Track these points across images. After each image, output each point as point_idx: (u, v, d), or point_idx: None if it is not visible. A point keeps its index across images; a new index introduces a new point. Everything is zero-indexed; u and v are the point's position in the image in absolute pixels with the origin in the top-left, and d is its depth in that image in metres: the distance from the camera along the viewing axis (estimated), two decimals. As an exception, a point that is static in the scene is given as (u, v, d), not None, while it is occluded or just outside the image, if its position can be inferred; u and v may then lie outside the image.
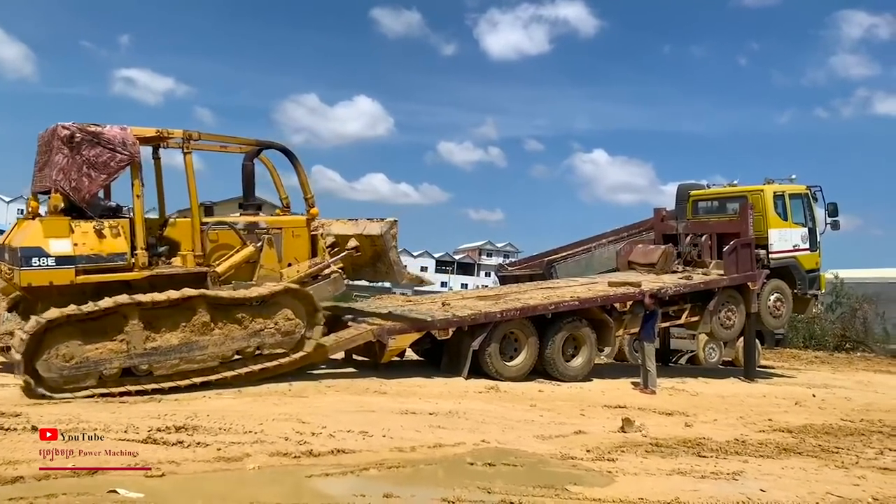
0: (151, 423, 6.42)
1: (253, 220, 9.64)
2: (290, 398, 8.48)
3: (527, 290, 13.75)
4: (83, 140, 8.16)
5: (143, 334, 7.93)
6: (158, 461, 5.26)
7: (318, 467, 5.59)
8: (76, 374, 7.61)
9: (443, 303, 12.58)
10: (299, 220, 10.12)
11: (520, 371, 11.40)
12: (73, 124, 8.19)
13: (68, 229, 7.97)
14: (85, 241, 8.02)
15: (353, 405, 8.32)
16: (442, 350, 11.66)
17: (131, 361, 7.93)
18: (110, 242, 8.16)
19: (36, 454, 5.16)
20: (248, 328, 8.67)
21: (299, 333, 9.06)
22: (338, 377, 10.45)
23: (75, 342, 7.63)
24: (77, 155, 8.12)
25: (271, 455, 5.77)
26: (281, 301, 8.94)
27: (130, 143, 8.43)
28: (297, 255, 9.85)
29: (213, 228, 9.17)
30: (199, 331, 8.29)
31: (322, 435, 6.56)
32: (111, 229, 8.20)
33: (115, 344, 7.83)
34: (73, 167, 8.10)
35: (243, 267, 9.21)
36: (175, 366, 8.15)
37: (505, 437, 7.22)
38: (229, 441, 6.03)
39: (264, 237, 9.43)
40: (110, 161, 8.29)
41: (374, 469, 5.69)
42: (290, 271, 9.64)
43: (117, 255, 8.17)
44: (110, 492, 4.50)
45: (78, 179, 8.12)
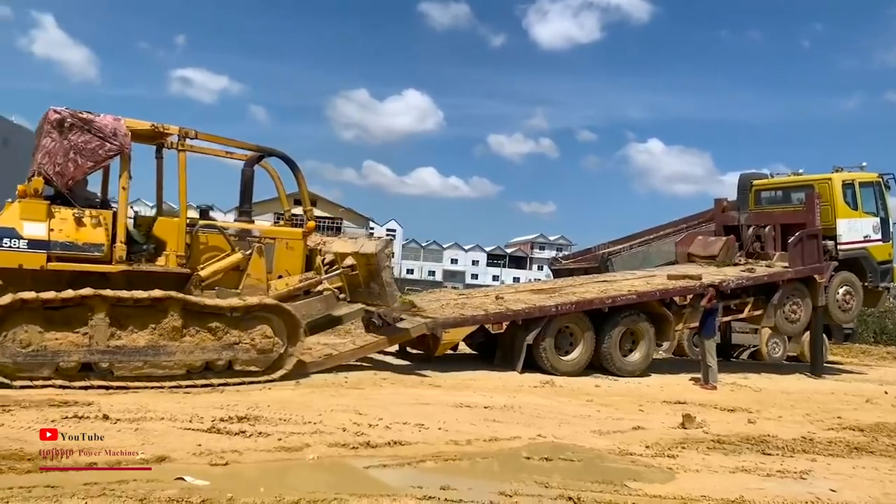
0: (215, 413, 6.60)
1: (245, 227, 9.23)
2: (346, 390, 8.60)
3: (582, 284, 13.59)
4: (73, 125, 7.96)
5: (108, 331, 7.60)
6: (222, 450, 5.39)
7: (375, 458, 5.65)
8: (31, 361, 7.32)
9: (496, 296, 12.55)
10: (295, 233, 9.67)
11: (575, 366, 11.28)
12: (65, 109, 8.01)
13: (46, 214, 7.67)
14: (62, 228, 7.72)
15: (409, 398, 8.38)
16: (495, 344, 11.65)
17: (92, 357, 7.58)
18: (88, 232, 7.84)
19: (109, 441, 5.37)
20: (222, 340, 8.17)
21: (276, 352, 8.52)
22: (393, 370, 10.55)
23: (35, 329, 7.34)
24: (65, 140, 7.91)
25: (330, 446, 5.86)
26: (260, 316, 8.47)
27: (122, 133, 8.17)
28: (290, 268, 9.32)
29: (202, 231, 8.77)
30: (168, 335, 7.86)
31: (379, 426, 6.62)
32: (91, 219, 7.88)
33: (76, 337, 7.50)
34: (60, 151, 7.89)
35: (230, 274, 8.76)
36: (138, 368, 7.75)
37: (561, 431, 7.15)
38: (289, 431, 6.14)
39: (255, 245, 8.94)
40: (99, 149, 8.07)
41: (430, 461, 5.70)
42: (280, 283, 9.14)
43: (93, 246, 7.83)
44: (177, 479, 4.64)
45: (63, 164, 7.89)
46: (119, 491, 4.25)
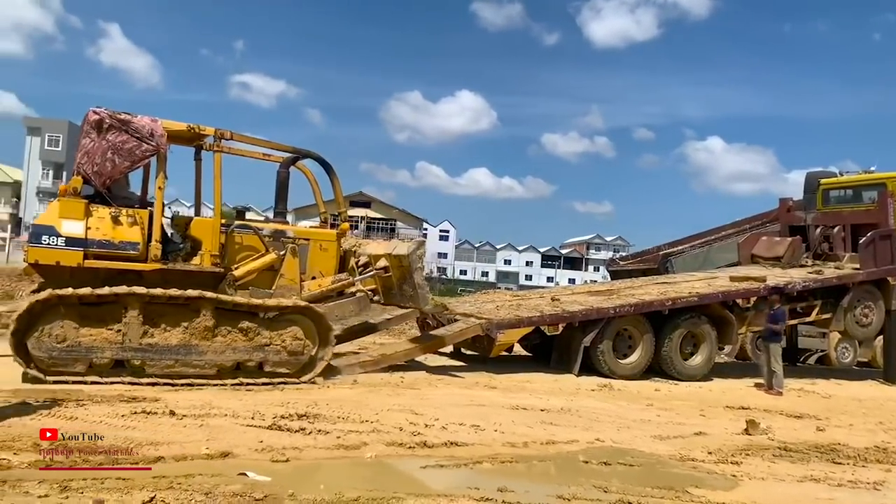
0: (275, 410, 6.74)
1: (280, 228, 9.29)
2: (402, 389, 8.66)
3: (641, 286, 13.36)
4: (111, 126, 8.06)
5: (140, 328, 7.69)
6: (283, 447, 5.51)
7: (432, 458, 5.67)
8: (66, 357, 7.44)
9: (552, 298, 12.44)
10: (329, 234, 9.65)
11: (634, 369, 11.09)
12: (104, 110, 8.11)
13: (84, 212, 7.82)
14: (99, 227, 7.85)
15: (464, 398, 8.38)
16: (551, 346, 11.55)
17: (125, 354, 7.66)
18: (125, 231, 7.95)
19: (175, 436, 5.56)
20: (253, 341, 8.17)
21: (307, 355, 8.46)
22: (448, 370, 10.57)
23: (71, 324, 7.48)
24: (103, 140, 8.04)
25: (387, 445, 5.91)
26: (291, 318, 8.45)
27: (159, 134, 8.25)
28: (323, 269, 9.33)
29: (237, 231, 8.85)
30: (200, 335, 7.90)
31: (435, 427, 6.65)
32: (128, 218, 7.98)
33: (110, 333, 7.61)
34: (98, 151, 8.02)
35: (264, 274, 8.83)
36: (169, 367, 7.80)
37: (620, 436, 7.03)
38: (348, 430, 6.23)
39: (288, 246, 9.02)
40: (135, 149, 8.15)
41: (487, 463, 5.68)
42: (313, 284, 9.16)
43: (129, 244, 7.92)
44: (240, 474, 4.76)
45: (101, 164, 8.03)
46: (185, 485, 4.38)
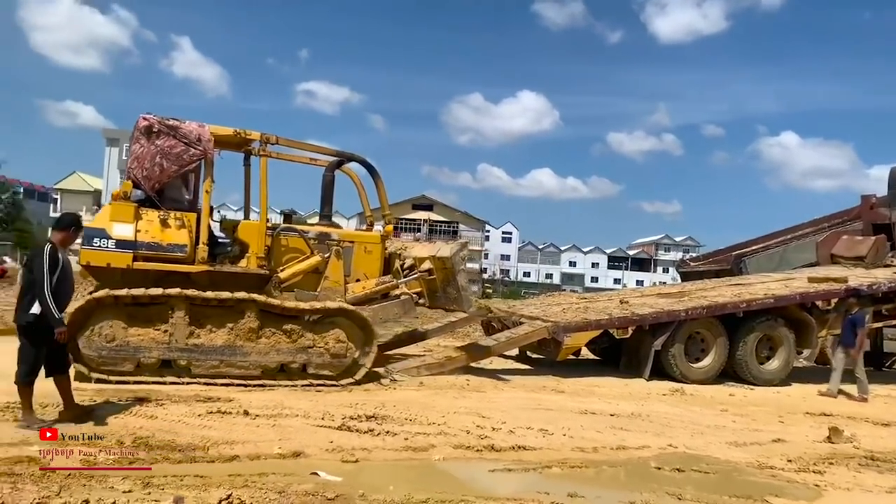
0: (344, 411, 6.84)
1: (325, 231, 9.28)
2: (468, 392, 8.65)
3: (713, 287, 12.96)
4: (160, 131, 8.19)
5: (187, 329, 7.82)
6: (352, 448, 5.59)
7: (500, 462, 5.64)
8: (115, 356, 7.60)
9: (620, 300, 12.20)
10: (373, 237, 9.61)
11: (707, 373, 10.75)
12: (153, 116, 8.28)
13: (134, 215, 7.98)
14: (148, 229, 7.98)
15: (531, 402, 8.31)
16: (620, 349, 11.32)
17: (171, 354, 7.80)
18: (173, 233, 8.06)
19: (249, 435, 5.71)
20: (297, 343, 8.21)
21: (350, 358, 8.43)
22: (513, 373, 10.51)
23: (120, 324, 7.64)
24: (152, 145, 8.16)
25: (455, 447, 5.91)
26: (334, 320, 8.44)
27: (206, 139, 8.36)
28: (368, 272, 9.31)
29: (283, 234, 8.93)
30: (244, 336, 7.99)
31: (502, 430, 6.61)
32: (176, 221, 8.10)
33: (158, 334, 7.76)
34: (147, 156, 8.15)
35: (309, 277, 8.86)
36: (215, 367, 7.91)
37: (693, 442, 6.83)
38: (415, 431, 6.27)
39: (333, 248, 9.04)
40: (183, 154, 8.26)
41: (556, 468, 5.62)
42: (357, 287, 9.14)
43: (177, 247, 8.04)
44: (312, 474, 4.85)
45: (150, 168, 8.14)
46: (260, 483, 4.50)
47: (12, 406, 6.01)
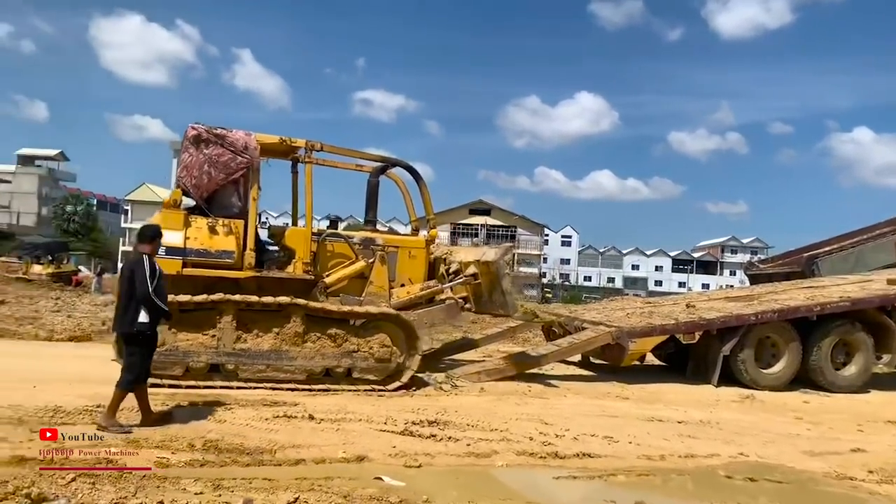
0: (407, 416, 6.87)
1: (369, 236, 9.36)
2: (530, 399, 8.57)
3: (784, 290, 12.48)
4: (208, 140, 8.36)
5: (234, 334, 7.89)
6: (415, 453, 5.61)
7: (564, 469, 5.56)
8: (164, 360, 7.60)
9: (687, 304, 11.89)
10: (417, 241, 9.67)
11: (779, 379, 10.35)
12: (201, 125, 8.44)
13: (183, 223, 8.14)
14: (197, 236, 8.14)
15: (595, 409, 8.17)
16: (687, 355, 11.02)
17: (219, 359, 7.87)
18: (221, 240, 8.19)
19: (314, 439, 5.80)
20: (342, 347, 8.21)
21: (394, 362, 8.37)
22: (576, 380, 10.37)
23: (169, 330, 7.66)
24: (200, 154, 8.35)
25: (518, 454, 5.86)
26: (379, 325, 8.43)
27: (252, 147, 8.50)
28: (412, 276, 9.37)
29: (328, 240, 9.04)
30: (290, 340, 8.03)
31: (566, 437, 6.52)
32: (224, 228, 8.24)
33: (206, 338, 7.85)
34: (196, 165, 8.34)
35: (355, 282, 8.95)
36: (261, 371, 7.98)
37: (766, 451, 6.58)
38: (477, 437, 6.24)
39: (377, 253, 9.08)
40: (230, 162, 8.39)
41: (621, 475, 5.51)
42: (401, 292, 9.19)
43: (225, 253, 8.16)
44: (376, 478, 4.89)
45: (198, 177, 8.34)
46: (325, 487, 4.56)
47: (90, 409, 6.29)
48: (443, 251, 10.42)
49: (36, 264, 31.61)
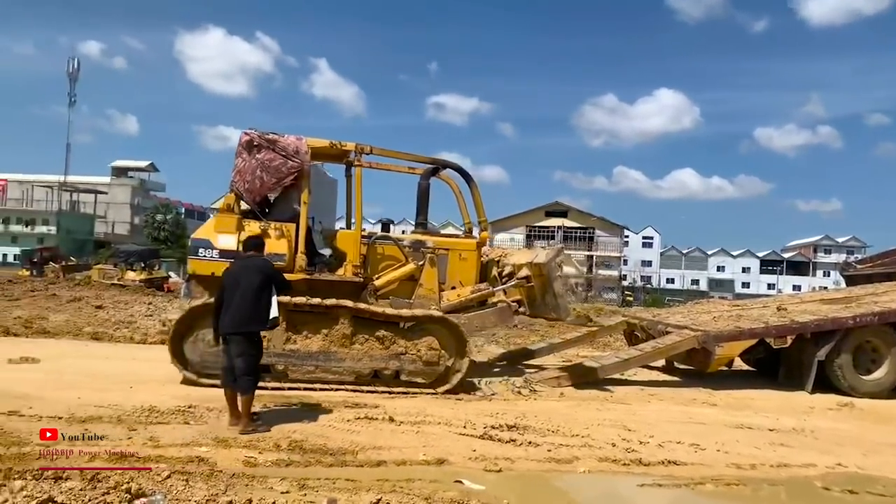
0: (486, 420, 6.86)
1: (420, 238, 9.27)
2: (612, 404, 8.39)
3: (885, 291, 11.74)
4: (260, 146, 8.48)
5: (284, 335, 7.97)
6: (495, 457, 5.58)
7: (648, 477, 5.41)
8: (217, 360, 7.43)
9: (778, 307, 11.36)
10: (469, 243, 9.45)
11: (880, 386, 9.73)
12: (254, 131, 8.57)
13: (236, 226, 8.35)
14: None
15: (680, 415, 7.92)
16: (778, 360, 10.53)
17: (269, 359, 7.85)
18: (273, 243, 8.22)
19: (394, 441, 5.87)
20: (390, 349, 8.18)
21: (442, 365, 8.28)
22: (660, 385, 10.09)
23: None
24: (253, 159, 8.45)
25: (600, 460, 5.75)
26: (426, 327, 8.33)
27: (303, 151, 8.56)
28: (463, 279, 9.20)
29: (379, 242, 9.02)
30: (338, 342, 8.07)
31: (650, 444, 6.35)
32: (276, 231, 8.37)
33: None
34: (249, 170, 8.46)
35: (404, 284, 8.90)
36: (310, 372, 8.06)
37: (867, 461, 6.20)
38: (558, 443, 6.16)
39: (427, 256, 8.98)
40: (281, 167, 8.48)
41: (709, 484, 5.31)
42: (451, 294, 9.07)
43: (276, 256, 8.14)
44: (456, 482, 4.90)
45: (251, 181, 8.46)
46: (407, 489, 4.60)
47: (182, 409, 6.59)
48: (498, 253, 10.36)
49: (130, 271, 33.35)
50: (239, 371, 6.11)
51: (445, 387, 8.29)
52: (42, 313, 16.10)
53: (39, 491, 3.93)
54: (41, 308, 17.46)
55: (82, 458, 4.80)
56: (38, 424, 5.68)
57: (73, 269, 38.26)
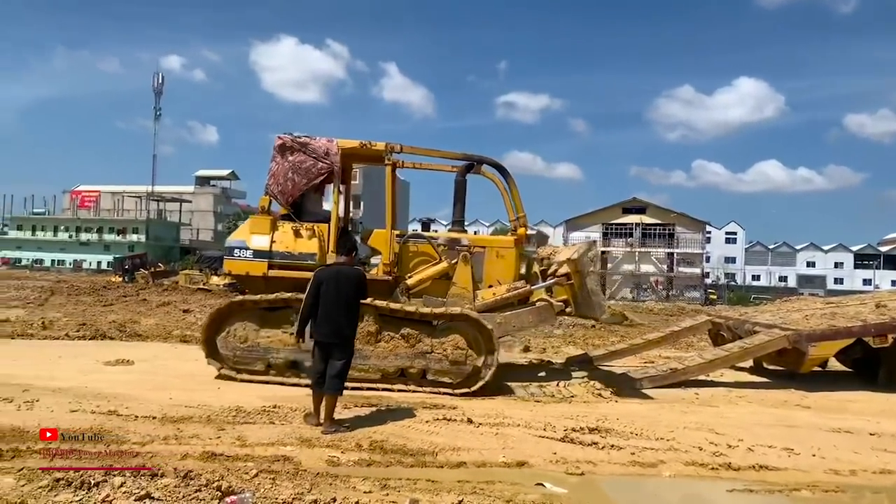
0: (566, 423, 6.75)
1: (454, 237, 9.16)
2: (698, 407, 8.12)
3: None
4: (292, 148, 8.74)
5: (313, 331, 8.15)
6: (577, 460, 5.48)
7: (738, 482, 5.19)
8: (247, 356, 8.22)
9: (876, 304, 10.73)
10: (506, 241, 9.25)
11: None
12: (287, 135, 8.81)
13: (270, 227, 8.63)
14: (282, 240, 8.55)
15: (771, 418, 7.59)
16: (877, 360, 9.93)
17: (297, 356, 8.09)
18: (304, 243, 8.52)
19: (474, 443, 5.85)
20: (416, 348, 8.09)
21: (469, 365, 8.08)
22: (748, 387, 9.70)
23: (252, 326, 8.23)
24: (286, 161, 8.72)
25: (686, 464, 5.56)
26: (454, 326, 8.17)
27: (333, 153, 8.73)
28: (501, 277, 8.95)
29: (412, 241, 9.01)
30: (363, 339, 7.98)
31: (739, 448, 6.10)
32: (307, 231, 8.57)
33: (285, 336, 8.11)
34: (282, 172, 8.71)
35: (439, 283, 8.78)
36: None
37: (985, 469, 5.75)
38: (642, 446, 5.99)
39: (460, 254, 8.82)
40: (312, 168, 8.70)
41: (805, 490, 5.06)
42: (487, 293, 8.84)
43: (307, 255, 8.44)
44: (537, 484, 4.83)
45: (283, 183, 8.70)
46: (488, 491, 4.57)
47: (267, 409, 6.77)
48: (548, 251, 10.15)
49: (214, 276, 34.66)
50: (331, 372, 6.23)
51: (473, 387, 8.06)
52: (134, 317, 17.00)
53: (138, 487, 4.12)
54: (133, 312, 18.44)
55: (174, 458, 5.00)
56: (134, 424, 5.97)
57: (162, 275, 40.19)
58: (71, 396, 7.00)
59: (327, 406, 6.19)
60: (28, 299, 22.49)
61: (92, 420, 6.02)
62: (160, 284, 33.71)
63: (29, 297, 23.19)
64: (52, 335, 12.85)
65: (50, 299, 22.67)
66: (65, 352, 10.50)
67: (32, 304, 20.84)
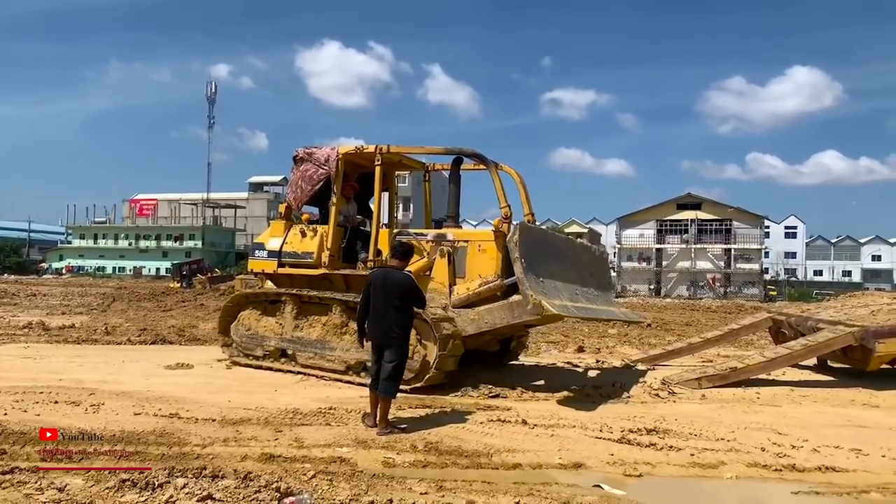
0: (622, 423, 6.64)
1: (441, 232, 9.08)
2: (759, 406, 7.89)
3: None
4: (302, 159, 9.60)
5: (293, 322, 9.05)
6: (634, 461, 5.38)
7: (804, 484, 5.02)
8: (249, 342, 9.52)
9: (948, 298, 10.24)
10: (485, 234, 8.82)
11: None
12: (302, 148, 9.67)
13: (284, 230, 9.69)
14: (291, 241, 9.52)
15: (837, 418, 7.32)
16: (952, 357, 9.47)
17: (282, 344, 9.16)
18: (306, 243, 9.39)
19: (529, 444, 5.81)
20: None
21: (416, 360, 7.79)
22: (812, 386, 9.37)
23: (255, 316, 9.52)
24: (297, 171, 9.67)
25: (748, 465, 5.40)
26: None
27: (332, 159, 9.35)
28: (483, 272, 8.56)
29: (406, 239, 8.66)
30: (332, 331, 8.71)
31: (804, 449, 5.91)
32: (311, 232, 9.42)
33: (275, 326, 9.27)
34: (294, 181, 9.71)
35: (422, 279, 8.39)
36: (311, 358, 8.83)
37: None
38: (701, 447, 5.85)
39: (437, 249, 8.73)
40: (314, 175, 9.47)
41: (875, 493, 4.86)
42: (461, 288, 8.57)
43: (307, 254, 9.33)
44: (594, 486, 4.76)
45: (295, 191, 9.68)
46: (545, 493, 4.53)
47: (323, 410, 6.86)
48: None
49: (268, 279, 35.33)
50: (384, 374, 6.25)
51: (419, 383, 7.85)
52: (192, 322, 17.47)
53: (200, 488, 4.22)
54: (191, 317, 18.94)
55: (234, 459, 5.11)
56: (195, 426, 6.12)
57: (218, 280, 41.22)
58: (134, 400, 7.23)
59: (382, 408, 6.23)
60: (91, 306, 23.41)
61: (155, 423, 6.20)
62: (217, 289, 34.57)
63: (92, 304, 24.13)
64: (114, 340, 13.30)
65: (112, 305, 23.54)
66: (127, 356, 10.85)
67: (96, 310, 21.66)
